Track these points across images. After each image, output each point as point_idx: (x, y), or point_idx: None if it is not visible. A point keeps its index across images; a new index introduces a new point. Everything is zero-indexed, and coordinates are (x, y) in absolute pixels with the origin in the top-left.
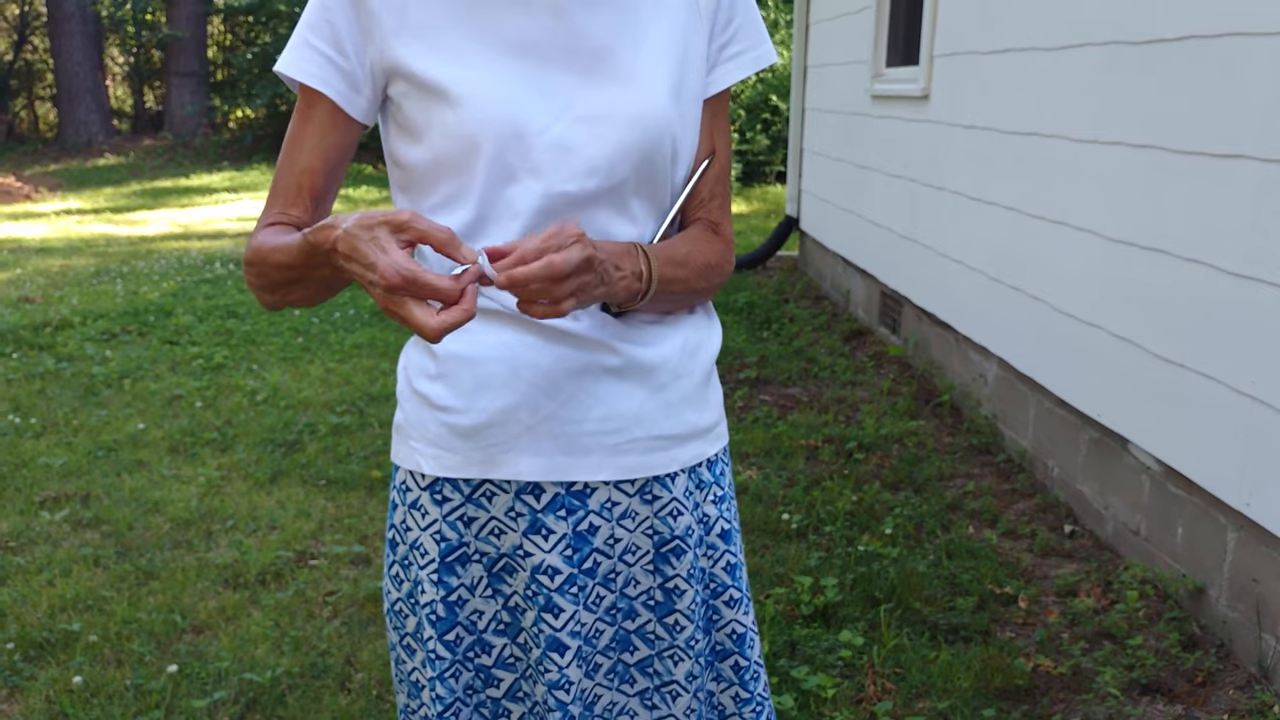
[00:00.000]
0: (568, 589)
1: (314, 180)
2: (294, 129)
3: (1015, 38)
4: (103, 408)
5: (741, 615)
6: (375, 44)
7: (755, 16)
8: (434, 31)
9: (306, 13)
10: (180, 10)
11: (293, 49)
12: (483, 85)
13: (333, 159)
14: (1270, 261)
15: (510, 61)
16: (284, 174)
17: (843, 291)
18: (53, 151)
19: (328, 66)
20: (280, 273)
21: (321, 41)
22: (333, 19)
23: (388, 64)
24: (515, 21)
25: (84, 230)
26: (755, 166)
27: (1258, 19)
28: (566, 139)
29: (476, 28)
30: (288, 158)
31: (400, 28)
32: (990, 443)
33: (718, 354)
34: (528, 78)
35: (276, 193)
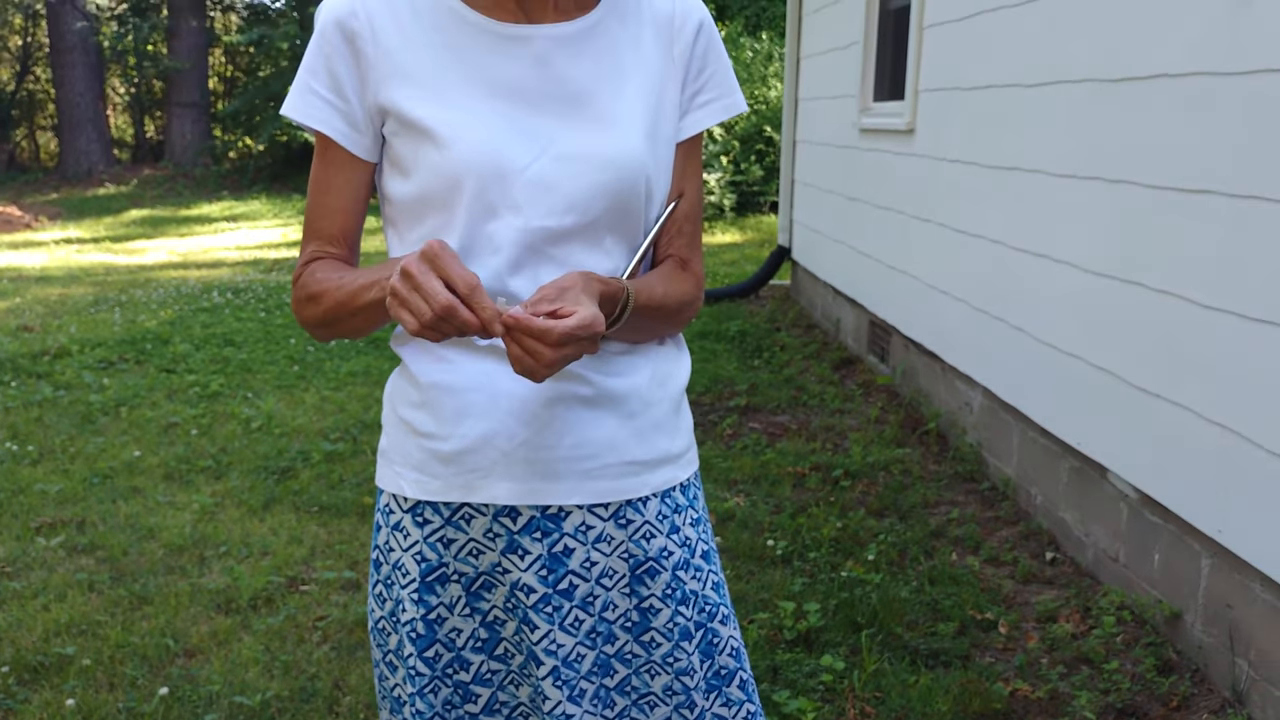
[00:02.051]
0: (543, 607)
1: (342, 220)
2: (314, 170)
3: (996, 75)
4: (99, 435)
5: (734, 631)
6: (370, 86)
7: (726, 67)
8: (423, 75)
9: (307, 59)
10: (182, 42)
11: (296, 94)
12: (467, 127)
13: (351, 196)
14: (1239, 294)
15: (494, 104)
16: (313, 214)
17: (833, 321)
18: (53, 181)
19: (329, 110)
20: (342, 309)
21: (322, 86)
22: (331, 65)
23: (381, 105)
24: (500, 66)
25: (83, 259)
26: (749, 196)
27: (1221, 60)
28: (546, 177)
29: (463, 72)
30: (314, 199)
31: (392, 71)
32: (975, 470)
33: (687, 382)
34: (510, 119)
35: (311, 231)
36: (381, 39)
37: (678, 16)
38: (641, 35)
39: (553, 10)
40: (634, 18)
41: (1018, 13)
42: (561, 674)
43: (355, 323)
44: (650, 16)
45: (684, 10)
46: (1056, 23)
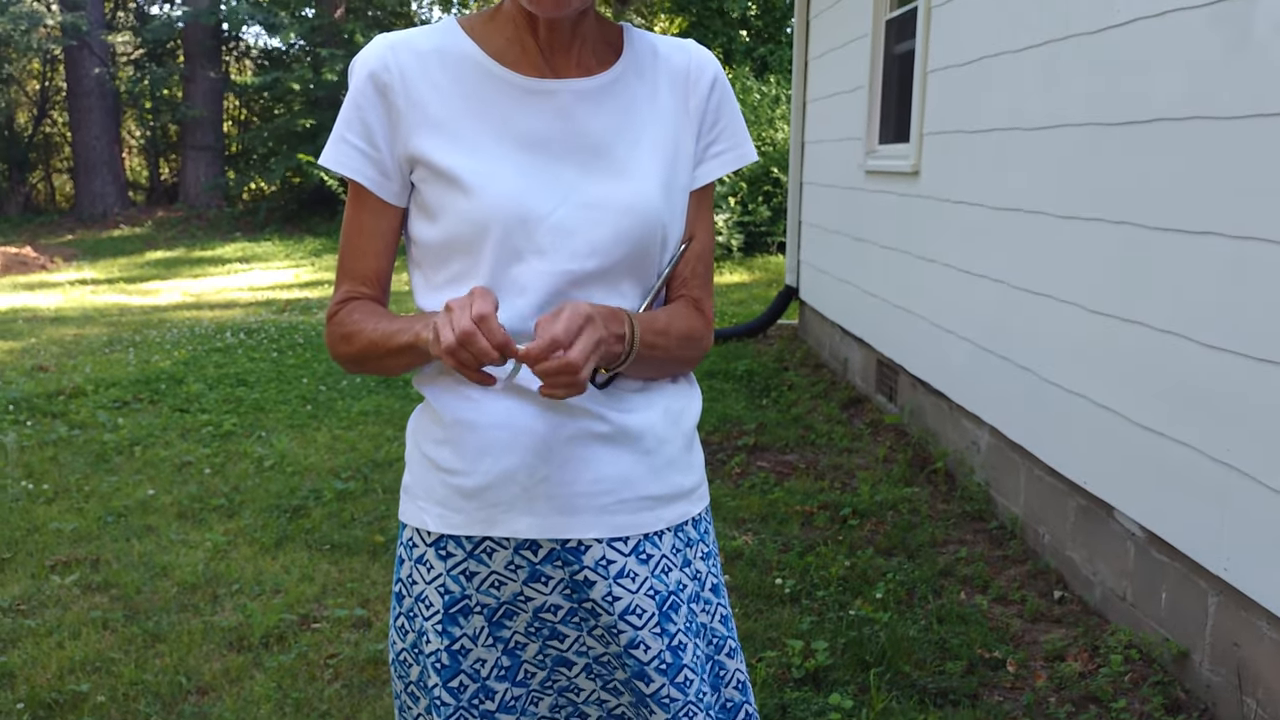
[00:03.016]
0: (570, 619)
1: (374, 262)
2: (348, 214)
3: (999, 118)
4: (113, 474)
5: (740, 664)
6: (401, 136)
7: (738, 120)
8: (452, 126)
9: (343, 111)
10: (197, 86)
11: (332, 144)
12: (494, 176)
13: (382, 239)
14: (1240, 334)
15: (519, 155)
16: (346, 255)
17: (841, 360)
18: (69, 222)
19: (361, 158)
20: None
21: (355, 136)
22: (364, 116)
23: (411, 154)
24: (525, 119)
25: (98, 300)
26: (757, 237)
27: (1219, 104)
28: (568, 223)
29: (490, 124)
30: (347, 241)
31: (422, 122)
32: (983, 509)
33: (698, 419)
34: (534, 170)
35: (344, 271)
36: (412, 92)
37: (693, 71)
38: (658, 89)
39: (575, 66)
40: (651, 72)
41: (1019, 58)
42: (593, 669)
43: (385, 363)
44: (666, 71)
45: (699, 65)
46: (1057, 67)
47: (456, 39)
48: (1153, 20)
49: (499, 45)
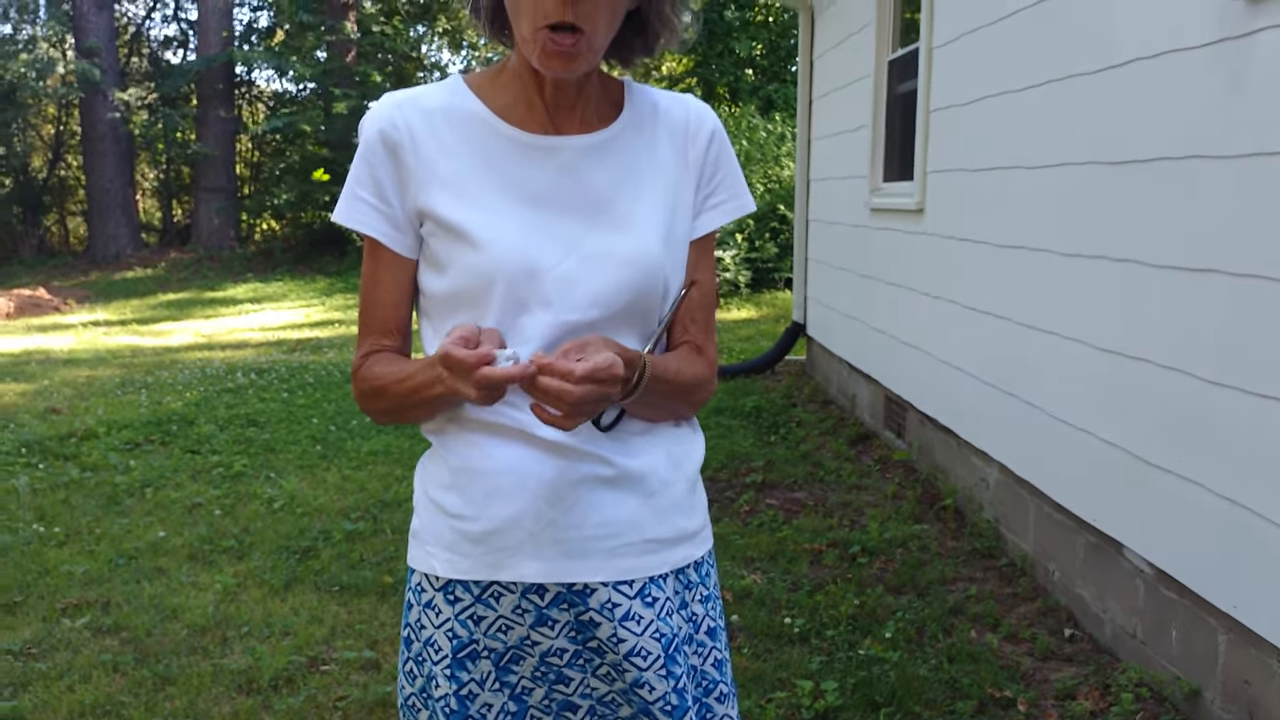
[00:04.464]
0: (576, 661)
1: (394, 314)
2: (366, 269)
3: (1001, 157)
4: (124, 516)
5: (731, 710)
6: (410, 192)
7: (736, 171)
8: (459, 182)
9: (354, 168)
10: (210, 129)
11: (345, 201)
12: (500, 230)
13: (398, 290)
14: (1244, 370)
15: (524, 210)
16: (366, 311)
17: (849, 396)
18: (82, 264)
19: (373, 214)
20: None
21: (367, 192)
22: (375, 173)
23: (420, 209)
24: (530, 174)
25: (110, 341)
26: (764, 273)
27: (1218, 144)
28: (573, 275)
29: (496, 180)
30: (365, 295)
31: (430, 178)
32: (993, 546)
33: (701, 462)
34: (539, 223)
35: (366, 327)
36: (421, 149)
37: (691, 125)
38: (658, 143)
39: (578, 123)
40: (651, 127)
41: (1021, 97)
42: (597, 711)
43: (418, 414)
44: (666, 125)
45: (697, 120)
46: (1058, 107)
47: (463, 97)
48: (1151, 61)
49: (504, 102)
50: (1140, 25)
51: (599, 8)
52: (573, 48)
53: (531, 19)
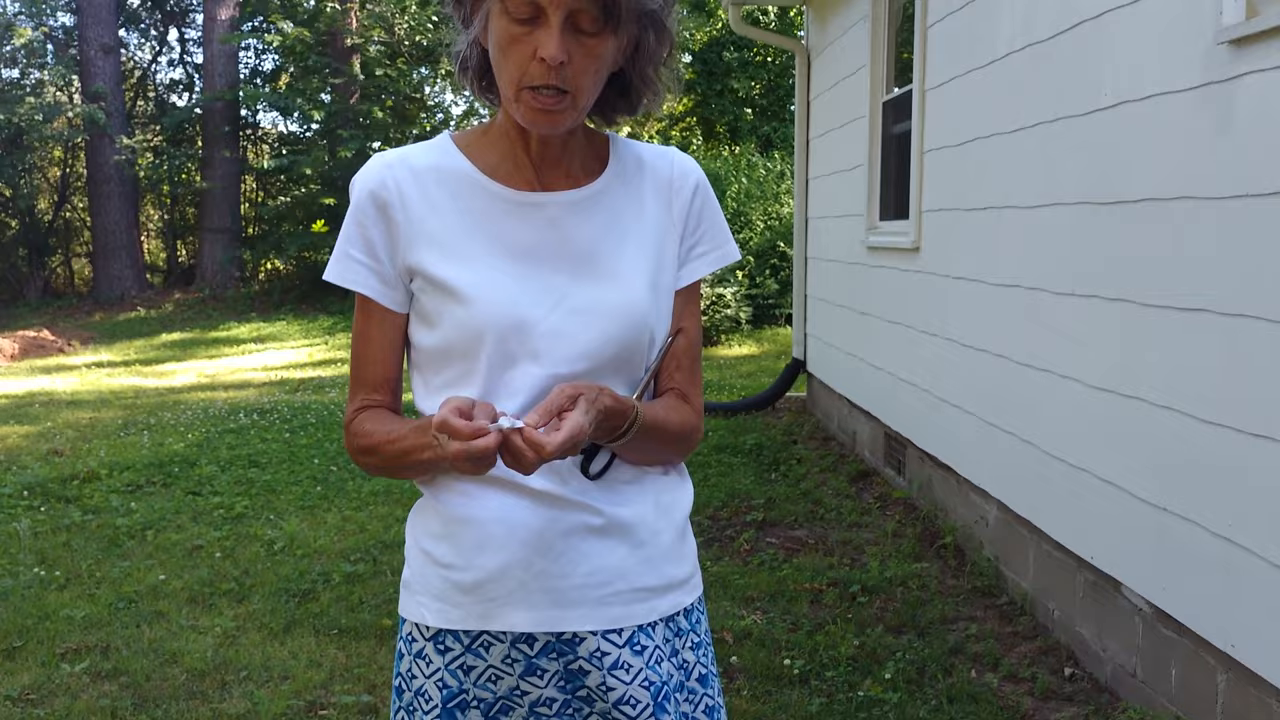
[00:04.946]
0: (564, 710)
1: (383, 369)
2: (357, 325)
3: (994, 197)
4: (125, 559)
5: None
6: (400, 249)
7: (720, 221)
8: (447, 239)
9: (345, 228)
10: (215, 170)
11: (337, 261)
12: (488, 285)
13: (389, 345)
14: (1236, 409)
15: (512, 265)
16: (358, 367)
17: (849, 433)
18: (87, 305)
19: (365, 271)
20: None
21: (358, 251)
22: (366, 232)
23: (409, 265)
24: (517, 230)
25: (114, 382)
26: (765, 309)
27: (1206, 185)
28: (560, 328)
29: (484, 236)
30: (359, 352)
31: (418, 236)
32: (993, 585)
33: (690, 510)
34: (527, 278)
35: (357, 382)
36: (410, 207)
37: (676, 179)
38: (643, 196)
39: (564, 178)
40: (636, 181)
41: (1012, 139)
42: None
43: (408, 474)
44: (651, 178)
45: (682, 173)
46: (1049, 148)
47: (451, 156)
48: (1138, 104)
49: (492, 160)
50: (1127, 69)
51: (583, 70)
52: (556, 105)
53: (516, 80)
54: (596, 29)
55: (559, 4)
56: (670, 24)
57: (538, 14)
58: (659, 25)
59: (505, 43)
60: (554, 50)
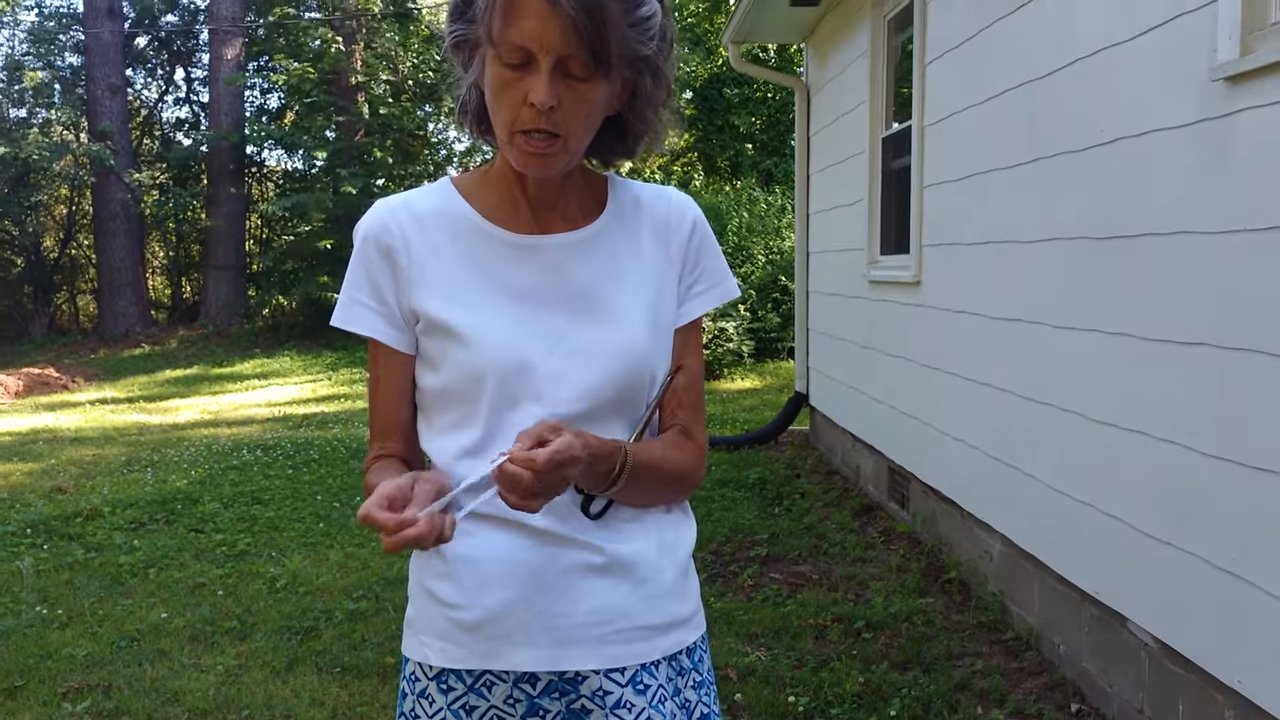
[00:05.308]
0: None
1: (395, 415)
2: (370, 372)
3: (994, 231)
4: (128, 597)
5: None
6: (405, 292)
7: (718, 259)
8: (450, 283)
9: (350, 273)
10: (220, 208)
11: (344, 306)
12: (489, 328)
13: (401, 389)
14: (1238, 442)
15: (512, 307)
16: (374, 417)
17: (853, 467)
18: (91, 342)
19: (374, 316)
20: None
21: (365, 296)
22: (372, 276)
23: (413, 308)
24: (517, 273)
25: (118, 419)
26: (767, 343)
27: (1203, 220)
28: (560, 370)
29: (485, 279)
30: (372, 399)
31: (422, 279)
32: (998, 620)
33: (693, 548)
34: (527, 320)
35: (374, 431)
36: (413, 251)
37: (673, 218)
38: (641, 235)
39: (561, 221)
40: (633, 221)
41: (1011, 174)
42: None
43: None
44: (649, 218)
45: (679, 212)
46: (1047, 183)
47: (452, 200)
48: (1136, 139)
49: (491, 204)
50: (1124, 105)
51: (574, 115)
52: (548, 149)
53: (509, 124)
54: (587, 74)
55: (548, 50)
56: (667, 68)
57: (528, 60)
58: (655, 70)
59: (498, 88)
60: (543, 95)
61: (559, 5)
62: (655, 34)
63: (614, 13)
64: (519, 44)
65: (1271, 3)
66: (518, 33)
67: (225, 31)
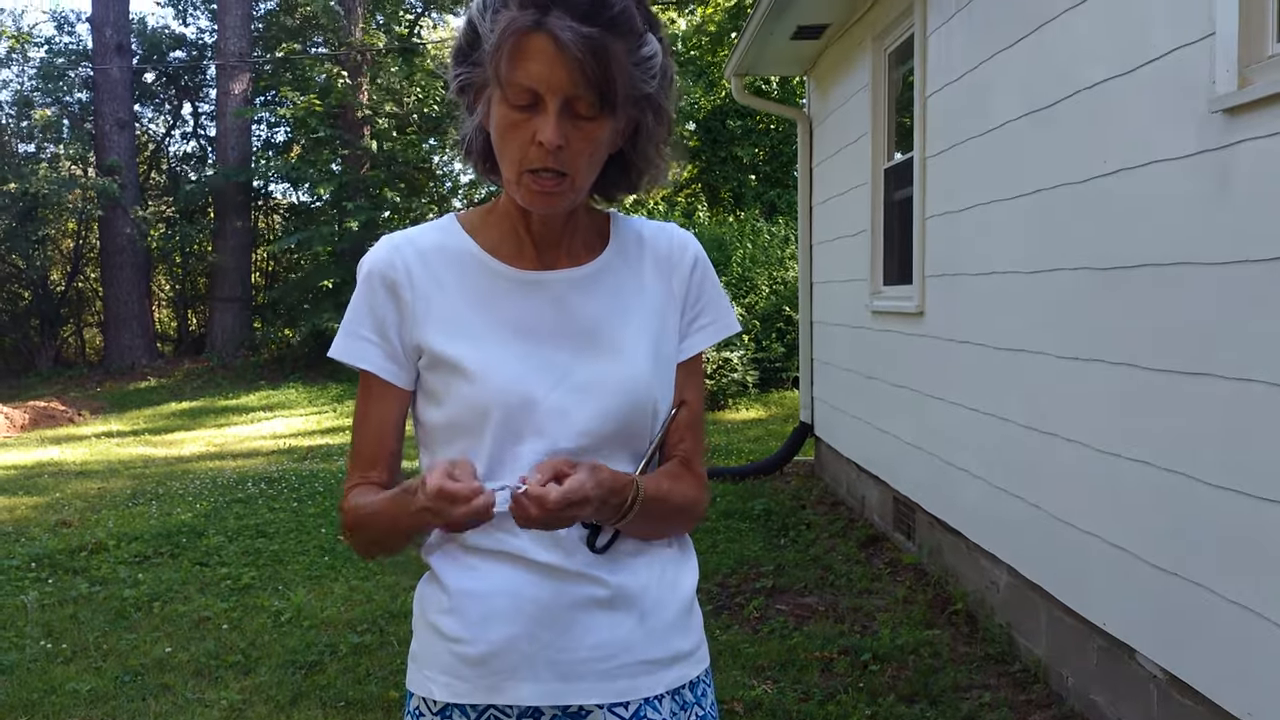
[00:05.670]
0: None
1: (384, 448)
2: (359, 404)
3: (996, 262)
4: (132, 631)
5: None
6: (408, 328)
7: (719, 294)
8: (454, 318)
9: (353, 307)
10: (226, 241)
11: (344, 338)
12: (493, 362)
13: (392, 423)
14: (1244, 473)
15: (516, 342)
16: (358, 444)
17: (858, 497)
18: (97, 375)
19: (374, 350)
20: (375, 522)
21: (367, 330)
22: (376, 311)
23: (417, 343)
24: (521, 308)
25: (123, 452)
26: (772, 373)
27: (1204, 251)
28: (564, 405)
29: (489, 314)
30: (359, 430)
31: (427, 315)
32: (1005, 651)
33: (696, 584)
34: (531, 355)
35: (356, 460)
36: (418, 286)
37: (675, 253)
38: (643, 271)
39: (565, 257)
40: (636, 257)
41: (1012, 205)
42: None
43: (395, 543)
44: (651, 254)
45: (680, 248)
46: (1048, 214)
47: (456, 236)
48: (1136, 171)
49: (494, 240)
50: (1125, 136)
51: (580, 153)
52: (555, 188)
53: (516, 163)
54: (593, 114)
55: (556, 91)
56: (667, 105)
57: (536, 101)
58: (657, 107)
59: (505, 128)
60: (551, 136)
61: (566, 48)
62: (657, 73)
63: (619, 54)
64: (527, 86)
65: (1268, 36)
66: (525, 75)
67: (232, 66)
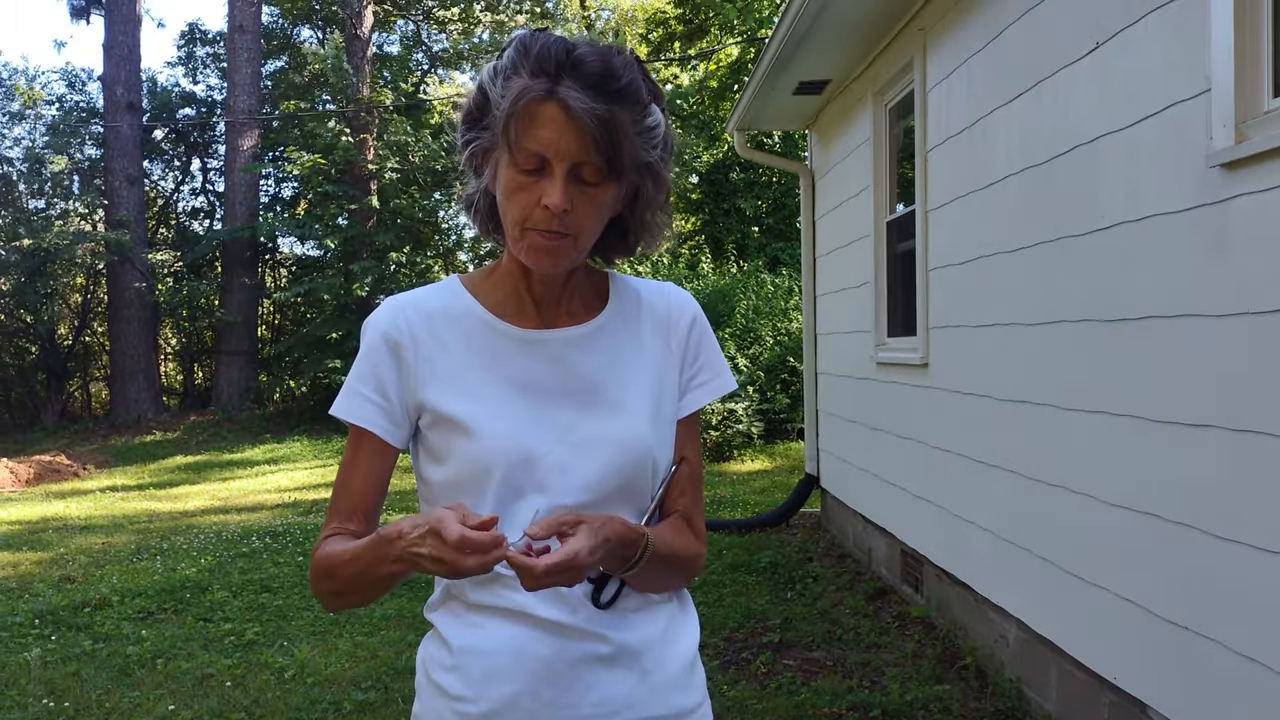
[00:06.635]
0: None
1: (366, 501)
2: (347, 458)
3: (999, 314)
4: (135, 689)
5: None
6: (410, 388)
7: (717, 353)
8: (457, 377)
9: (356, 366)
10: (233, 295)
11: (346, 396)
12: (495, 420)
13: (379, 480)
14: (1250, 526)
15: (518, 400)
16: (340, 496)
17: (865, 549)
18: (103, 429)
19: (374, 410)
20: (347, 569)
21: (368, 389)
22: (378, 371)
23: (419, 403)
24: (522, 366)
25: (128, 506)
26: (777, 424)
27: (1206, 304)
28: (565, 462)
29: (490, 373)
30: (343, 483)
31: (430, 375)
32: (1016, 707)
33: (697, 642)
34: (532, 412)
35: (335, 511)
36: (421, 348)
37: (673, 314)
38: (641, 331)
39: (565, 316)
40: (634, 316)
41: (1014, 257)
42: None
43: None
44: (649, 314)
45: (679, 308)
46: (1050, 266)
47: (459, 297)
48: (1136, 224)
49: (497, 300)
50: (1124, 190)
51: (584, 216)
52: (558, 245)
53: (520, 222)
54: (599, 179)
55: (564, 157)
56: (666, 173)
57: (543, 165)
58: (656, 175)
59: (511, 190)
60: (558, 200)
61: (577, 116)
62: (659, 142)
63: (625, 123)
64: (536, 151)
65: (1264, 92)
66: (535, 141)
67: (241, 123)
